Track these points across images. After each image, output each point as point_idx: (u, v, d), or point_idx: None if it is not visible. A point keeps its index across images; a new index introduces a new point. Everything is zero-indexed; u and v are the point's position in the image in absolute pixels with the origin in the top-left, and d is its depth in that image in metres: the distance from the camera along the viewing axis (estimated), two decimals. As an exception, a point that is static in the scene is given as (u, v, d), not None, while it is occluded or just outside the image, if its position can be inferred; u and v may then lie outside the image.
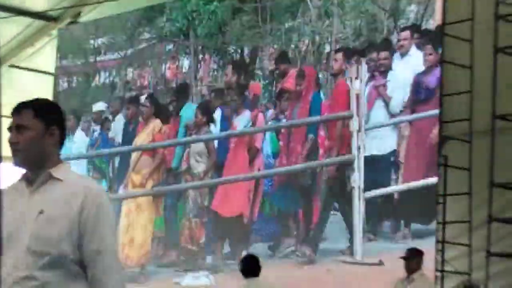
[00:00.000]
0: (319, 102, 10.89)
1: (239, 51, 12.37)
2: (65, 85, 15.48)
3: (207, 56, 12.70)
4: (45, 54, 15.17)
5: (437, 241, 8.88)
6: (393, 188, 10.15)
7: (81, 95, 14.98)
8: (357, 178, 10.12)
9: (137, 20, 13.67)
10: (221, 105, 11.96)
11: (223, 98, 11.99)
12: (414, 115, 10.11)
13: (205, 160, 11.76)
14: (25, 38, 14.72)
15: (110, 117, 13.55)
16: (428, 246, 8.76)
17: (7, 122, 3.26)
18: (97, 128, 13.62)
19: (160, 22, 13.23)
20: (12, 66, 16.03)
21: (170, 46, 13.29)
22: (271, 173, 11.32)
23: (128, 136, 12.91)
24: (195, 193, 11.85)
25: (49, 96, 15.34)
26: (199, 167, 11.81)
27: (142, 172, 12.46)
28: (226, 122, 11.79)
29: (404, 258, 8.09)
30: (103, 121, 13.58)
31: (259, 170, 11.35)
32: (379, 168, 10.25)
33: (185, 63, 13.01)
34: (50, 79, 15.45)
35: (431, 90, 9.80)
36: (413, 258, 7.86)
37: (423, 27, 10.42)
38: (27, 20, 14.51)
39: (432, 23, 10.27)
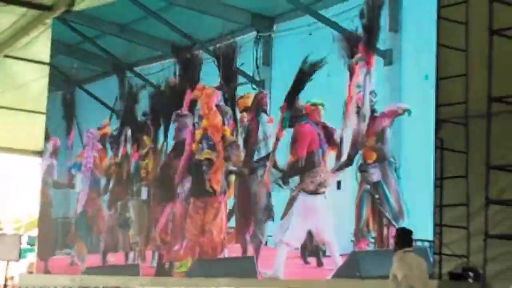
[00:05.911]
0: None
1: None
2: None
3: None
4: (40, 44, 15.13)
5: (435, 225, 8.85)
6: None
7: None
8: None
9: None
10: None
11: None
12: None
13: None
14: (19, 28, 14.69)
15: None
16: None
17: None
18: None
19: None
20: (7, 56, 16.02)
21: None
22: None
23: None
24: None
25: (44, 85, 15.32)
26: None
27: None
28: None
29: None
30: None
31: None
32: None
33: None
34: (45, 68, 15.42)
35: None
36: (395, 237, 7.88)
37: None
38: (21, 9, 14.48)
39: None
